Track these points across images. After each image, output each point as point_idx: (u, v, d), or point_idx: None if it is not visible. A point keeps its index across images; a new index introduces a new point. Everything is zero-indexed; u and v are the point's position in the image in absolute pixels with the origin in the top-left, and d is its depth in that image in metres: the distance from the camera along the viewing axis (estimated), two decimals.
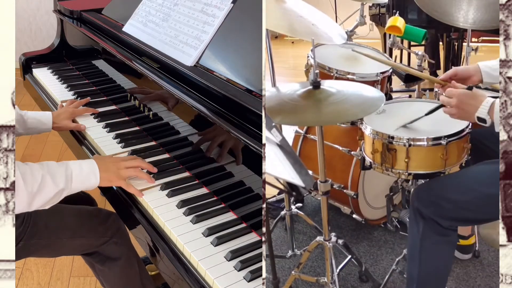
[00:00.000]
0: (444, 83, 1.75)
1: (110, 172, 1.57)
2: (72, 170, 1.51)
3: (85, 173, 1.53)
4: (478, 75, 1.76)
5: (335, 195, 2.38)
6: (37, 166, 1.46)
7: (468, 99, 1.48)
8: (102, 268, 1.81)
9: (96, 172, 1.55)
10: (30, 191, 1.40)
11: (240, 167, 1.50)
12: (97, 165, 1.56)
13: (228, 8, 1.76)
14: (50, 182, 1.45)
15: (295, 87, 1.66)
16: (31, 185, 1.41)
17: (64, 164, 1.52)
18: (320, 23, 1.80)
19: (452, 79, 1.74)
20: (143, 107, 1.95)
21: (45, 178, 1.44)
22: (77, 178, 1.51)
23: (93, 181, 1.55)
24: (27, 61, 2.66)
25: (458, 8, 2.23)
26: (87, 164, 1.55)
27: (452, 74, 1.74)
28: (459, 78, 1.74)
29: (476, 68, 1.76)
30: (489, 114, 1.43)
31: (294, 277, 2.02)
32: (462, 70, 1.76)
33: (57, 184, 1.46)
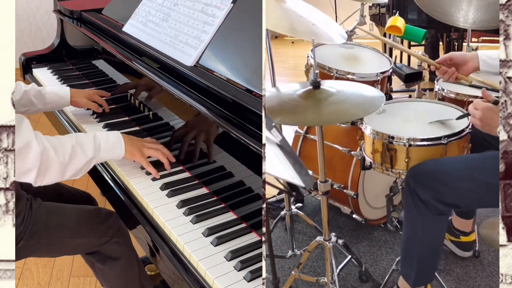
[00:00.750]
0: (439, 66, 1.81)
1: (135, 146, 1.64)
2: (100, 141, 1.57)
3: (111, 143, 1.60)
4: (475, 61, 1.80)
5: (335, 195, 2.38)
6: (66, 137, 1.53)
7: (492, 114, 1.52)
8: (103, 268, 1.81)
9: (122, 144, 1.62)
10: (62, 161, 1.47)
11: (240, 167, 1.50)
12: (122, 138, 1.63)
13: (228, 8, 1.76)
14: (80, 152, 1.52)
15: (295, 87, 1.65)
16: (63, 155, 1.47)
17: (91, 134, 1.59)
18: (320, 23, 1.80)
19: (447, 62, 1.78)
20: (143, 107, 1.95)
21: (75, 148, 1.51)
22: (104, 148, 1.58)
23: (119, 151, 1.62)
24: (27, 61, 2.66)
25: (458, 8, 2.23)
26: (113, 136, 1.63)
27: (447, 58, 1.80)
28: (455, 63, 1.78)
29: (473, 55, 1.80)
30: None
31: (294, 277, 2.02)
32: (459, 55, 1.80)
33: (86, 154, 1.53)
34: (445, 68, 1.81)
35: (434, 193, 1.59)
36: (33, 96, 1.94)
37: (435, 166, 1.64)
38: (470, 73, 1.92)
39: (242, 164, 1.48)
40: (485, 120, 1.53)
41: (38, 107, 1.97)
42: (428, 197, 1.59)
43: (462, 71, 1.89)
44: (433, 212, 1.61)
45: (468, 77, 1.92)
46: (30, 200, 1.65)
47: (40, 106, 1.97)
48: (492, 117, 1.51)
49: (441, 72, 1.81)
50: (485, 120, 1.53)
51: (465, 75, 1.91)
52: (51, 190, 1.90)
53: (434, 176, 1.61)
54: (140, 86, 1.98)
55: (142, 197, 1.57)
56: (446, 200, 1.59)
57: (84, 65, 2.53)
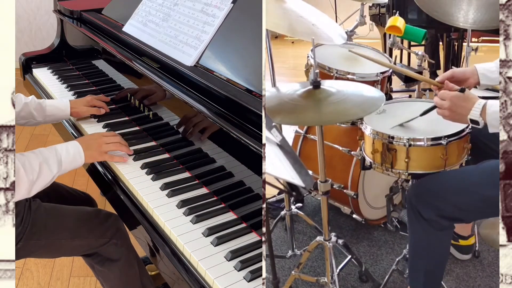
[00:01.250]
0: (440, 85, 1.75)
1: (92, 149, 1.69)
2: (61, 154, 1.61)
3: (71, 155, 1.64)
4: (475, 77, 1.78)
5: (335, 195, 2.38)
6: (32, 155, 1.55)
7: (460, 102, 1.50)
8: (102, 269, 1.81)
9: (81, 152, 1.66)
10: (31, 179, 1.50)
11: (240, 167, 1.50)
12: (80, 145, 1.67)
13: (228, 8, 1.76)
14: (47, 169, 1.55)
15: (295, 87, 1.65)
16: (31, 174, 1.50)
17: (53, 149, 1.62)
18: (320, 23, 1.80)
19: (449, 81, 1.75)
20: (143, 107, 1.96)
21: (42, 166, 1.54)
22: (66, 160, 1.62)
23: (79, 160, 1.67)
24: (27, 61, 2.66)
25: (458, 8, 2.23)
26: (72, 146, 1.66)
27: (449, 76, 1.75)
28: (456, 80, 1.75)
29: (473, 70, 1.78)
30: (482, 116, 1.45)
31: (294, 277, 2.02)
32: (459, 72, 1.78)
33: (52, 170, 1.57)
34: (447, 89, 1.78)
35: (436, 210, 1.60)
36: (33, 109, 1.95)
37: (434, 182, 1.64)
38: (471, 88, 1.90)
39: (242, 164, 1.48)
40: (454, 109, 1.51)
41: (38, 120, 1.98)
42: (430, 215, 1.60)
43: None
44: (436, 227, 1.62)
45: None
46: (29, 201, 1.64)
47: (40, 119, 1.98)
48: (461, 105, 1.49)
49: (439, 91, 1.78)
50: (454, 109, 1.51)
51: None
52: (51, 191, 1.90)
53: (434, 193, 1.62)
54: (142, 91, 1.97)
55: (142, 197, 1.57)
56: (448, 215, 1.60)
57: (84, 65, 2.53)
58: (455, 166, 1.70)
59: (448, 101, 1.52)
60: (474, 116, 1.47)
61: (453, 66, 3.52)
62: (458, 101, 1.50)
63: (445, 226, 1.62)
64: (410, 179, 1.80)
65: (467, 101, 1.49)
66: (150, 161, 1.74)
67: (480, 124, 1.47)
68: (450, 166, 1.68)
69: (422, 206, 1.62)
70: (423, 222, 1.63)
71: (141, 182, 1.64)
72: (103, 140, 1.72)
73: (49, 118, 2.02)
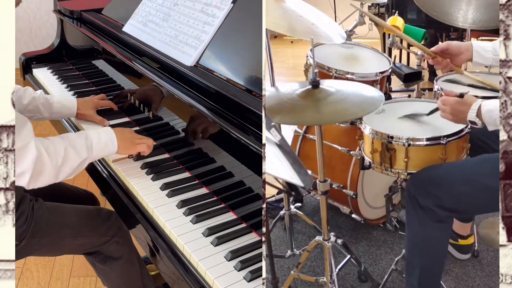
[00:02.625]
0: (434, 56, 1.84)
1: (127, 140, 1.68)
2: (92, 140, 1.58)
3: (103, 142, 1.61)
4: (468, 53, 1.84)
5: (334, 195, 2.38)
6: (58, 139, 1.53)
7: (459, 106, 1.56)
8: (103, 267, 1.81)
9: (114, 140, 1.64)
10: (55, 164, 1.47)
11: (240, 167, 1.50)
12: (114, 133, 1.64)
13: (228, 8, 1.76)
14: (73, 153, 1.52)
15: (294, 86, 1.66)
16: (55, 158, 1.47)
17: (83, 134, 1.60)
18: (319, 22, 1.81)
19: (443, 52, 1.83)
20: (143, 107, 1.96)
21: (68, 150, 1.51)
22: (97, 147, 1.59)
23: (112, 148, 1.64)
24: (27, 61, 2.66)
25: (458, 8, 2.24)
26: (105, 133, 1.64)
27: (444, 47, 1.84)
28: (450, 53, 1.81)
29: (468, 46, 1.84)
30: (478, 117, 1.51)
31: (293, 277, 2.02)
32: (454, 46, 1.84)
33: (80, 155, 1.53)
34: (439, 59, 1.85)
35: (434, 199, 1.60)
36: (40, 104, 1.95)
37: (435, 172, 1.65)
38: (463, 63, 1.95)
39: (242, 164, 1.49)
40: (455, 113, 1.57)
41: (44, 115, 1.98)
42: (428, 204, 1.61)
43: (456, 61, 1.92)
44: (433, 219, 1.62)
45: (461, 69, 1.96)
46: (32, 201, 1.65)
47: (46, 114, 1.98)
48: (460, 110, 1.55)
49: (435, 62, 1.85)
50: (455, 113, 1.57)
51: (458, 65, 1.93)
52: (53, 190, 1.90)
53: (434, 182, 1.62)
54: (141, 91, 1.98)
55: (142, 197, 1.57)
56: (446, 205, 1.60)
57: (84, 65, 2.53)
58: None
59: (449, 107, 1.58)
60: (471, 117, 1.53)
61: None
62: (457, 106, 1.56)
63: (442, 218, 1.62)
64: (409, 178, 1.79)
65: (466, 105, 1.55)
66: (150, 161, 1.74)
67: (478, 124, 1.52)
68: None
69: (420, 194, 1.62)
70: (420, 212, 1.62)
71: (141, 182, 1.64)
72: (136, 135, 1.73)
73: (55, 115, 2.02)
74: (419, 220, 1.64)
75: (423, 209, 1.62)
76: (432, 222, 1.63)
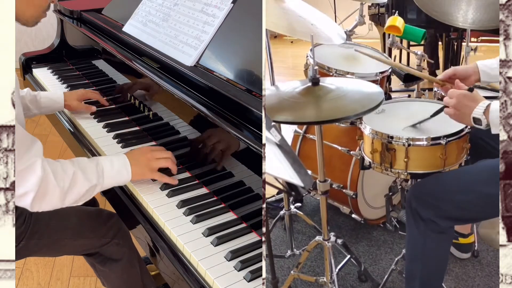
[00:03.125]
0: (443, 83, 1.76)
1: (142, 166, 1.58)
2: (104, 166, 1.51)
3: (116, 169, 1.54)
4: (476, 74, 1.77)
5: (334, 195, 2.38)
6: (68, 162, 1.47)
7: (467, 101, 1.49)
8: (103, 269, 1.81)
9: (127, 167, 1.55)
10: (62, 186, 1.41)
11: (240, 167, 1.50)
12: (128, 160, 1.56)
13: (228, 8, 1.76)
14: (82, 178, 1.45)
15: (295, 84, 1.66)
16: (63, 180, 1.41)
17: (95, 160, 1.53)
18: (319, 23, 1.81)
19: (451, 78, 1.75)
20: (143, 107, 1.96)
21: (77, 174, 1.44)
22: (108, 174, 1.52)
23: (125, 176, 1.55)
24: (27, 61, 2.66)
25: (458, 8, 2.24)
26: (118, 160, 1.56)
27: (451, 73, 1.75)
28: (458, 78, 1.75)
29: (474, 68, 1.77)
30: (485, 115, 1.45)
31: (293, 277, 2.02)
32: (461, 70, 1.77)
33: (89, 180, 1.47)
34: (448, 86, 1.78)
35: (435, 210, 1.59)
36: (28, 102, 1.97)
37: (435, 183, 1.64)
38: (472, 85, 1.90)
39: (242, 164, 1.49)
40: (459, 107, 1.50)
41: (34, 112, 2.01)
42: (429, 215, 1.60)
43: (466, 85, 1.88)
44: (435, 230, 1.61)
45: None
46: None
47: (36, 111, 2.01)
48: (466, 104, 1.49)
49: (445, 89, 1.76)
50: (459, 107, 1.50)
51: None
52: None
53: (434, 193, 1.61)
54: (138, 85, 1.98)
55: (142, 197, 1.57)
56: (448, 215, 1.59)
57: (84, 65, 2.53)
58: (454, 165, 1.70)
59: (455, 99, 1.51)
60: (477, 114, 1.46)
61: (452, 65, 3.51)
62: (464, 100, 1.50)
63: (443, 229, 1.61)
64: (409, 178, 1.80)
65: (474, 101, 1.48)
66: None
67: (482, 123, 1.46)
68: (449, 165, 1.68)
69: (421, 206, 1.62)
70: (421, 223, 1.62)
71: (141, 182, 1.64)
72: (153, 155, 1.61)
73: (44, 110, 2.04)
74: (420, 232, 1.63)
75: (424, 221, 1.61)
76: (433, 234, 1.62)
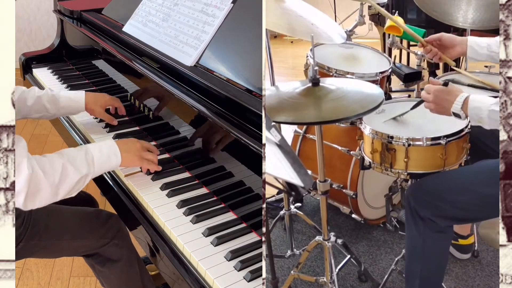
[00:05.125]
0: (426, 44, 1.86)
1: (132, 152, 1.60)
2: (93, 154, 1.51)
3: (105, 155, 1.53)
4: (463, 46, 1.83)
5: (334, 195, 2.38)
6: (55, 156, 1.45)
7: (444, 95, 1.53)
8: (103, 270, 1.81)
9: (117, 153, 1.56)
10: (52, 182, 1.40)
11: (240, 167, 1.50)
12: (117, 145, 1.57)
13: (228, 8, 1.76)
14: (72, 170, 1.44)
15: (295, 85, 1.66)
16: (53, 176, 1.40)
17: (83, 148, 1.52)
18: (319, 22, 1.81)
19: (436, 42, 1.84)
20: (143, 107, 1.96)
21: (66, 166, 1.43)
22: (98, 161, 1.51)
23: (115, 161, 1.56)
24: (27, 61, 2.66)
25: (458, 8, 2.24)
26: (107, 146, 1.56)
27: (436, 37, 1.85)
28: (443, 44, 1.81)
29: (463, 40, 1.84)
30: (463, 110, 1.48)
31: (293, 277, 2.02)
32: (447, 37, 1.85)
33: (79, 171, 1.46)
34: (429, 47, 1.84)
35: (434, 209, 1.60)
36: (46, 102, 1.88)
37: (433, 182, 1.65)
38: (455, 57, 1.94)
39: (242, 164, 1.49)
40: (437, 102, 1.54)
41: (52, 113, 1.92)
42: (427, 214, 1.60)
43: (448, 53, 1.91)
44: (433, 229, 1.61)
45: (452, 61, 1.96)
46: None
47: (54, 111, 1.91)
48: (444, 98, 1.52)
49: (426, 50, 1.85)
50: (437, 102, 1.54)
51: (450, 58, 1.92)
52: None
53: (433, 193, 1.62)
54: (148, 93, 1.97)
55: (142, 197, 1.57)
56: (446, 214, 1.59)
57: (84, 65, 2.53)
58: (454, 165, 1.70)
59: (432, 95, 1.55)
60: (455, 109, 1.50)
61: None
62: (441, 94, 1.53)
63: (442, 228, 1.62)
64: (409, 178, 1.80)
65: (450, 94, 1.52)
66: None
67: (462, 118, 1.50)
68: (449, 165, 1.68)
69: (419, 205, 1.62)
70: (420, 222, 1.62)
71: (141, 182, 1.64)
72: (143, 145, 1.65)
73: (63, 110, 1.94)
74: (419, 231, 1.64)
75: (423, 220, 1.61)
76: (432, 233, 1.62)
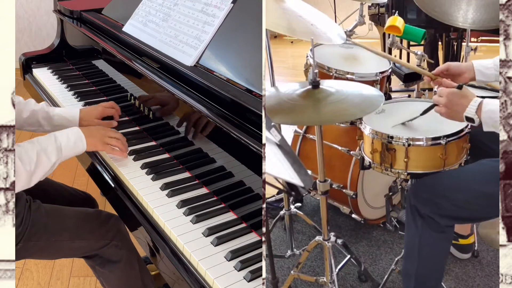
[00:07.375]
0: (435, 77, 1.78)
1: (95, 137, 1.70)
2: (61, 141, 1.61)
3: (72, 141, 1.64)
4: (470, 72, 1.78)
5: (334, 195, 2.38)
6: (29, 145, 1.54)
7: (457, 99, 1.49)
8: (103, 270, 1.80)
9: (82, 139, 1.66)
10: (29, 170, 1.49)
11: (240, 167, 1.50)
12: (82, 132, 1.67)
13: (228, 8, 1.76)
14: (45, 158, 1.54)
15: (294, 86, 1.66)
16: (29, 164, 1.49)
17: (52, 136, 1.62)
18: (319, 23, 1.80)
19: (444, 73, 1.76)
20: (143, 107, 1.96)
21: (40, 155, 1.53)
22: (66, 147, 1.61)
23: (81, 147, 1.66)
24: (27, 61, 2.66)
25: (458, 7, 2.24)
26: (72, 133, 1.66)
27: (444, 68, 1.77)
28: (451, 74, 1.77)
29: (469, 66, 1.78)
30: (477, 114, 1.45)
31: (293, 277, 2.02)
32: (455, 66, 1.79)
33: (50, 159, 1.56)
34: (440, 80, 1.79)
35: (433, 206, 1.59)
36: (41, 118, 1.88)
37: (434, 181, 1.64)
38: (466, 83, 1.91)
39: (242, 164, 1.49)
40: (450, 106, 1.50)
41: (46, 129, 1.91)
42: (428, 212, 1.60)
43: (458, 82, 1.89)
44: (433, 228, 1.61)
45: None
46: (29, 202, 1.64)
47: (48, 128, 1.90)
48: (457, 102, 1.48)
49: (436, 83, 1.79)
50: (450, 106, 1.50)
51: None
52: (51, 192, 1.90)
53: (433, 190, 1.61)
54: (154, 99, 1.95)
55: (142, 197, 1.57)
56: (445, 212, 1.59)
57: (84, 65, 2.54)
58: (454, 165, 1.70)
59: (445, 98, 1.51)
60: (469, 113, 1.46)
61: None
62: (454, 98, 1.50)
63: (442, 228, 1.61)
64: (409, 178, 1.80)
65: (464, 98, 1.48)
66: (150, 161, 1.74)
67: (475, 122, 1.46)
68: (449, 166, 1.68)
69: (419, 203, 1.61)
70: (419, 220, 1.62)
71: (141, 182, 1.64)
72: (106, 132, 1.74)
73: (57, 128, 1.87)
74: (417, 228, 1.63)
75: (423, 218, 1.61)
76: (432, 232, 1.61)
